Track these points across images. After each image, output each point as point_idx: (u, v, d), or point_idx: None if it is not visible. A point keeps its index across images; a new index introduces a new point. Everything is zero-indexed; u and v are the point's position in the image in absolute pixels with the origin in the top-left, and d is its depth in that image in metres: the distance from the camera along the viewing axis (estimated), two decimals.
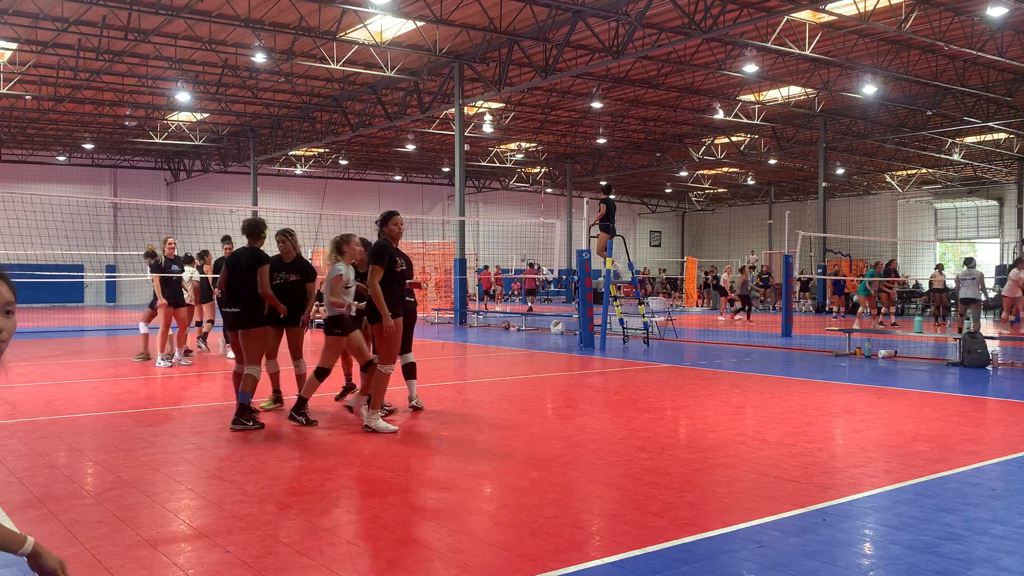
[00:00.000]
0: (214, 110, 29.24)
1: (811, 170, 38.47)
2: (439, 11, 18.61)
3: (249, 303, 7.36)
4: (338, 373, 8.56)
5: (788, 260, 18.69)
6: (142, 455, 6.17)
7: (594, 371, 12.04)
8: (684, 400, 8.93)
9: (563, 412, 8.23)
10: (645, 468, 5.75)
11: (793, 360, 13.57)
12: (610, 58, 19.69)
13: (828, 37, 20.26)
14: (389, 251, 7.03)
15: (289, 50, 20.82)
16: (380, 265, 6.91)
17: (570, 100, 27.56)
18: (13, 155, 35.26)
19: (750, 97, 27.33)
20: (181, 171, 38.47)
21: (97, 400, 8.96)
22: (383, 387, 7.06)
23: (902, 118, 29.37)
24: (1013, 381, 10.71)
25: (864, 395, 9.34)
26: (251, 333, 7.35)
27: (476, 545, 4.17)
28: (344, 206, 40.57)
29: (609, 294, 15.99)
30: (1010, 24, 19.22)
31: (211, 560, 3.94)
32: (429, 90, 24.76)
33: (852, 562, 3.96)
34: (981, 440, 6.73)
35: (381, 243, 7.10)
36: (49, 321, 20.84)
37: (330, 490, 5.18)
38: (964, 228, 41.86)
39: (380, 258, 6.94)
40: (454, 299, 23.70)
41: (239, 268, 7.50)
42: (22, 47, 20.84)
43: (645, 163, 38.88)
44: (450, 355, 14.34)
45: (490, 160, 39.14)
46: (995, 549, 4.12)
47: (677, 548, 4.11)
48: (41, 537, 4.24)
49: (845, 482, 5.39)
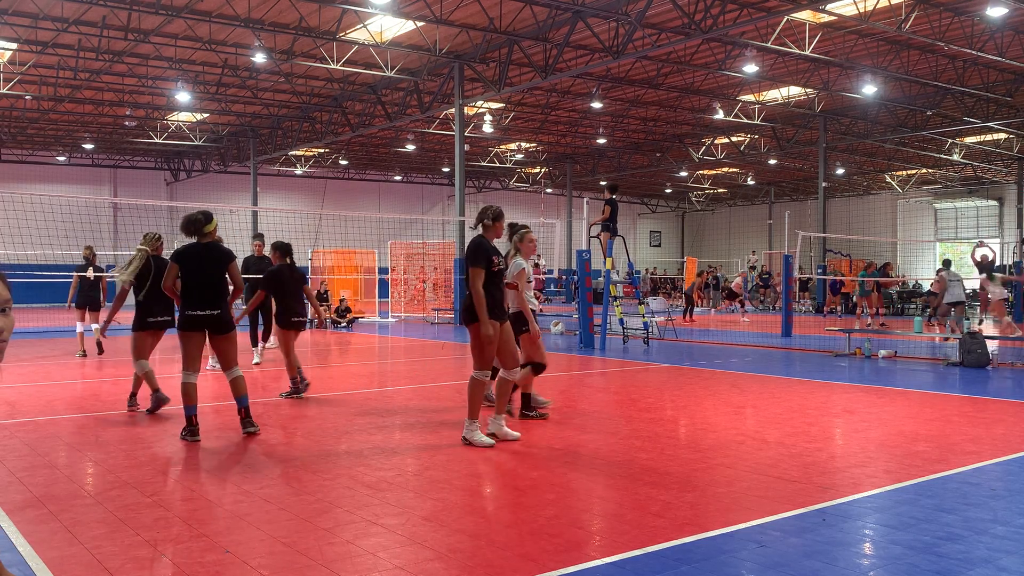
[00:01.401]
0: (214, 110, 29.24)
1: (811, 170, 38.46)
2: (439, 11, 18.61)
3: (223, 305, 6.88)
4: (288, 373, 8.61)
5: (788, 260, 18.69)
6: (142, 455, 6.17)
7: (594, 371, 12.04)
8: (684, 400, 8.92)
9: (563, 412, 8.22)
10: (645, 468, 5.75)
11: (793, 360, 13.57)
12: (610, 58, 19.69)
13: (828, 37, 20.26)
14: (486, 249, 6.56)
15: (289, 50, 20.82)
16: (480, 267, 6.44)
17: (570, 100, 27.56)
18: (13, 155, 35.26)
19: (750, 97, 27.33)
20: (181, 171, 38.48)
21: (97, 400, 8.96)
22: (478, 395, 6.61)
23: (902, 118, 29.37)
24: (1013, 381, 10.71)
25: (864, 395, 9.34)
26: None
27: (476, 545, 4.17)
28: (344, 206, 40.59)
29: (609, 294, 15.99)
30: (1010, 24, 19.22)
31: (211, 560, 3.94)
32: (429, 90, 24.76)
33: (852, 562, 3.96)
34: (981, 440, 6.73)
35: (476, 241, 6.63)
36: (49, 321, 20.82)
37: (330, 490, 5.18)
38: (964, 228, 41.85)
39: (478, 258, 6.46)
40: (454, 299, 23.71)
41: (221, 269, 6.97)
42: (22, 47, 20.84)
43: (645, 163, 38.88)
44: (450, 355, 14.34)
45: (490, 160, 39.14)
46: (995, 549, 4.12)
47: (677, 548, 4.11)
48: (41, 537, 4.25)
49: (845, 482, 5.39)
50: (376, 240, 31.31)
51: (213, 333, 6.87)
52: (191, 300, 6.76)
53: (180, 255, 6.81)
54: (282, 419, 7.73)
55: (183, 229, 6.88)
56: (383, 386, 10.41)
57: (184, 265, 6.79)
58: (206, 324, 6.81)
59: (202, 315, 6.75)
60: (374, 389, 9.92)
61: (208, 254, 6.85)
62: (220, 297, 6.87)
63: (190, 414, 6.73)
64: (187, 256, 6.81)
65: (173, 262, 6.83)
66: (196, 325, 6.77)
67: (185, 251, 6.85)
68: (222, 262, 6.90)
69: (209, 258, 6.84)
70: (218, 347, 6.98)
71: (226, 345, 6.96)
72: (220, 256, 6.91)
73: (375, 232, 35.01)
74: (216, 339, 6.93)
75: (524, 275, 7.32)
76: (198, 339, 6.86)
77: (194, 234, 6.87)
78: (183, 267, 6.79)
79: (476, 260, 6.46)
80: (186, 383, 6.78)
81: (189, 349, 6.82)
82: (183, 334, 6.81)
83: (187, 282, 6.79)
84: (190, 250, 6.85)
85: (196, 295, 6.76)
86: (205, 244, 6.87)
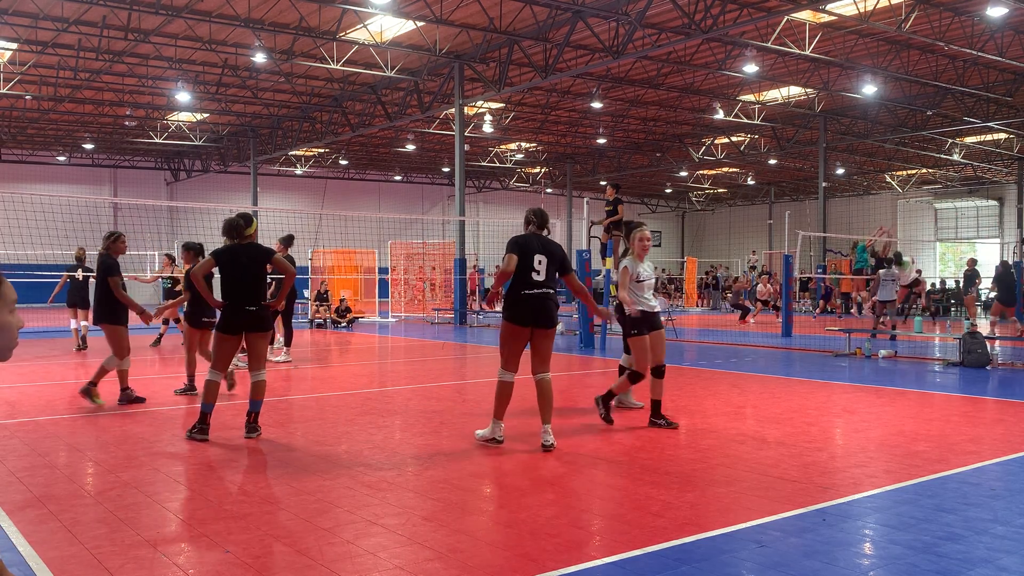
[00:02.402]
0: (214, 110, 29.24)
1: (811, 170, 38.46)
2: (439, 11, 18.61)
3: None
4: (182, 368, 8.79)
5: (788, 260, 18.69)
6: (142, 455, 6.17)
7: (594, 371, 12.04)
8: (684, 400, 8.92)
9: (563, 412, 8.22)
10: (645, 468, 5.75)
11: (793, 360, 13.57)
12: (610, 58, 19.70)
13: (828, 37, 20.26)
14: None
15: (289, 50, 20.83)
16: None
17: (570, 100, 27.56)
18: (13, 155, 35.27)
19: (750, 97, 27.33)
20: (181, 171, 38.49)
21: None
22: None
23: (902, 118, 29.37)
24: (1013, 381, 10.71)
25: (864, 395, 9.34)
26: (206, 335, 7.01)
27: (476, 545, 4.17)
28: (344, 206, 40.59)
29: (609, 294, 15.98)
30: (1010, 24, 19.22)
31: (211, 560, 3.94)
32: (429, 90, 24.76)
33: (852, 562, 3.96)
34: (981, 440, 6.73)
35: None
36: (49, 321, 20.81)
37: (330, 490, 5.18)
38: (964, 228, 41.86)
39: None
40: (454, 299, 23.70)
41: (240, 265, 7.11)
42: (22, 47, 20.85)
43: (645, 163, 38.89)
44: (450, 355, 14.33)
45: (490, 160, 39.15)
46: (995, 549, 4.12)
47: (677, 548, 4.11)
48: (41, 537, 4.25)
49: (845, 482, 5.38)
50: (376, 240, 31.30)
51: (249, 331, 6.91)
52: (232, 298, 6.81)
53: (219, 254, 6.93)
54: (282, 419, 7.73)
55: (224, 233, 7.03)
56: (383, 386, 10.40)
57: (222, 264, 6.88)
58: (245, 321, 6.82)
59: (241, 313, 6.77)
60: (374, 389, 9.91)
61: (247, 253, 6.96)
62: (259, 295, 6.95)
63: (206, 411, 6.76)
64: (224, 255, 6.91)
65: (212, 258, 6.92)
66: (235, 327, 6.81)
67: (224, 250, 6.96)
68: (260, 261, 7.00)
69: (248, 257, 6.94)
70: (253, 344, 6.98)
71: (261, 343, 7.03)
72: (259, 255, 7.01)
73: (375, 232, 34.99)
74: (252, 336, 6.96)
75: (627, 274, 7.38)
76: (234, 342, 6.92)
77: (235, 237, 7.00)
78: (221, 267, 6.88)
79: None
80: (211, 380, 6.82)
81: (224, 349, 6.90)
82: (220, 336, 6.88)
83: (227, 281, 6.86)
84: (229, 250, 6.96)
85: (237, 293, 6.82)
86: (244, 244, 6.99)
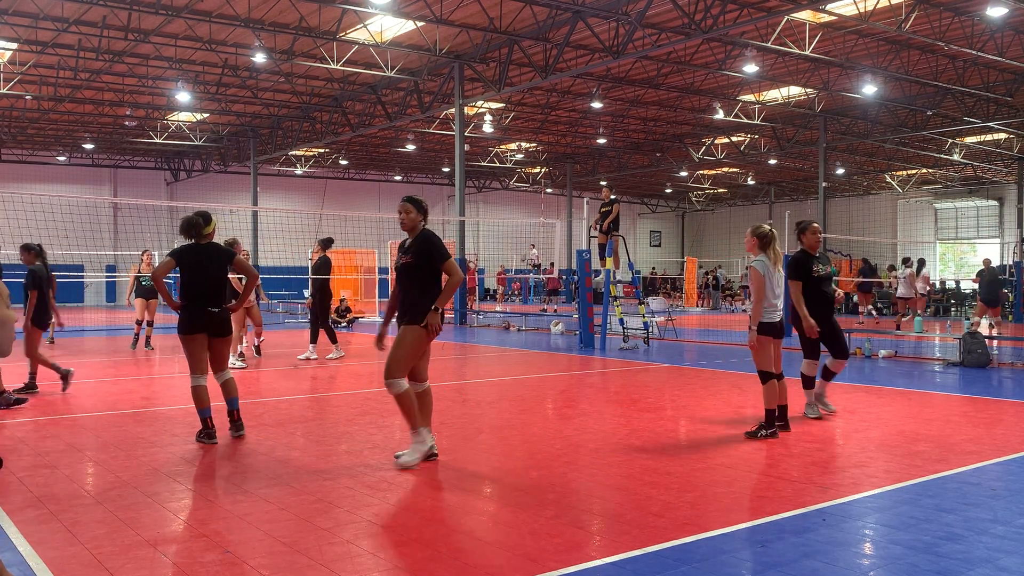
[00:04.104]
0: (214, 110, 29.24)
1: (811, 170, 38.45)
2: (439, 11, 18.61)
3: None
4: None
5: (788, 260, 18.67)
6: (142, 455, 6.17)
7: (594, 371, 12.04)
8: (684, 400, 8.93)
9: (563, 412, 8.23)
10: (645, 468, 5.75)
11: (793, 360, 13.55)
12: (610, 58, 19.69)
13: (828, 37, 20.25)
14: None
15: (289, 50, 20.82)
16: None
17: (570, 100, 27.55)
18: (13, 155, 35.26)
19: (750, 97, 27.32)
20: (181, 171, 38.48)
21: (97, 400, 8.97)
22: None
23: (902, 118, 29.37)
24: (1013, 381, 10.71)
25: (864, 395, 9.34)
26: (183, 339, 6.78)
27: (476, 545, 4.17)
28: (344, 206, 40.59)
29: (609, 294, 15.98)
30: (1010, 24, 19.21)
31: (211, 560, 3.94)
32: (429, 90, 24.76)
33: (852, 562, 3.96)
34: (981, 440, 6.73)
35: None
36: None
37: (330, 490, 5.18)
38: (964, 228, 41.85)
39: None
40: (453, 299, 23.71)
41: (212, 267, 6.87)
42: (22, 47, 20.83)
43: (645, 163, 38.87)
44: (450, 355, 14.34)
45: (490, 160, 39.14)
46: (995, 549, 4.12)
47: (677, 548, 4.11)
48: (41, 537, 4.25)
49: (845, 482, 5.39)
50: (376, 240, 31.29)
51: (212, 335, 6.71)
52: (192, 299, 6.62)
53: (179, 254, 6.72)
54: (282, 419, 7.73)
55: (182, 232, 6.81)
56: (383, 386, 10.37)
57: (184, 265, 6.68)
58: (207, 323, 6.64)
59: (203, 314, 6.59)
60: (374, 389, 9.91)
61: (207, 254, 6.77)
62: (221, 296, 6.78)
63: (205, 416, 6.64)
64: (186, 255, 6.71)
65: (171, 258, 6.71)
66: (198, 327, 6.61)
67: (185, 250, 6.77)
68: (222, 262, 6.81)
69: (209, 258, 6.76)
70: (214, 348, 6.79)
71: (223, 347, 6.85)
72: (221, 255, 6.83)
73: (375, 232, 34.97)
74: (213, 340, 6.76)
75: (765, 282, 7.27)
76: (201, 340, 6.68)
77: (193, 236, 6.79)
78: (183, 267, 6.68)
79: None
80: (196, 387, 6.66)
81: (194, 351, 6.67)
82: (185, 337, 6.65)
83: (188, 282, 6.67)
84: (190, 249, 6.76)
85: (197, 294, 6.65)
86: (204, 244, 6.79)
